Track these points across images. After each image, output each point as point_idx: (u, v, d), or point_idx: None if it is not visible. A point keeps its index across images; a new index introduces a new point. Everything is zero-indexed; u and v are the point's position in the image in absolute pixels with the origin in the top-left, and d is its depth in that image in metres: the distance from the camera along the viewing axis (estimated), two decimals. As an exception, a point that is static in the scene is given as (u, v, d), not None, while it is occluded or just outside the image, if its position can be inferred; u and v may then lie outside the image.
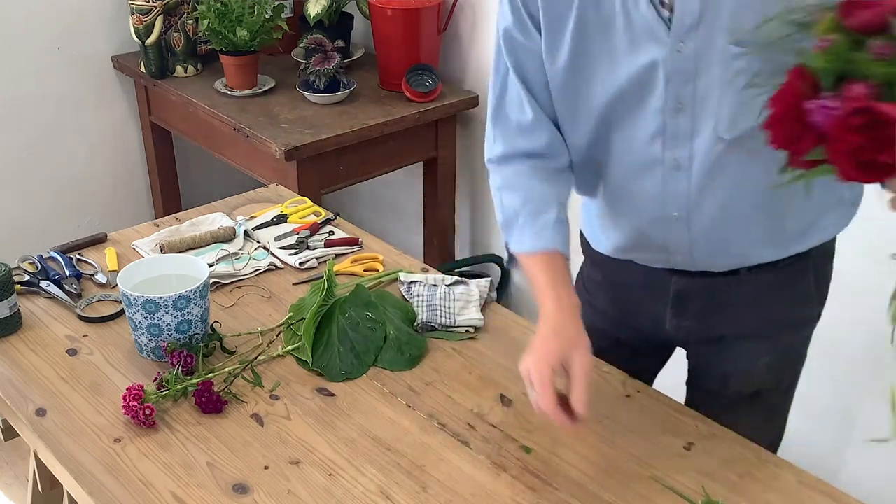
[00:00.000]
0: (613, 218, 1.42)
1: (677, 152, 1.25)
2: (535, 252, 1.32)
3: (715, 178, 1.27)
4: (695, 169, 1.26)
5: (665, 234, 1.36)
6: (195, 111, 2.68)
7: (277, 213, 1.91)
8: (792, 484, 1.27)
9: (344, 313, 1.55)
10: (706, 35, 1.15)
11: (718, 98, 1.19)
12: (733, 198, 1.29)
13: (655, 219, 1.34)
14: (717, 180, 1.27)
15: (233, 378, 1.44)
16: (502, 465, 1.30)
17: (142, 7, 2.68)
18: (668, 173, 1.28)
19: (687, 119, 1.22)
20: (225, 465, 1.29)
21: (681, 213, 1.32)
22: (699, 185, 1.28)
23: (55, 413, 1.38)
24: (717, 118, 1.21)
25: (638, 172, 1.31)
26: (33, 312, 1.61)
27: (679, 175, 1.27)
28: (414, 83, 2.61)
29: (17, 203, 2.93)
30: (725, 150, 1.23)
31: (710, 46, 1.16)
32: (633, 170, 1.31)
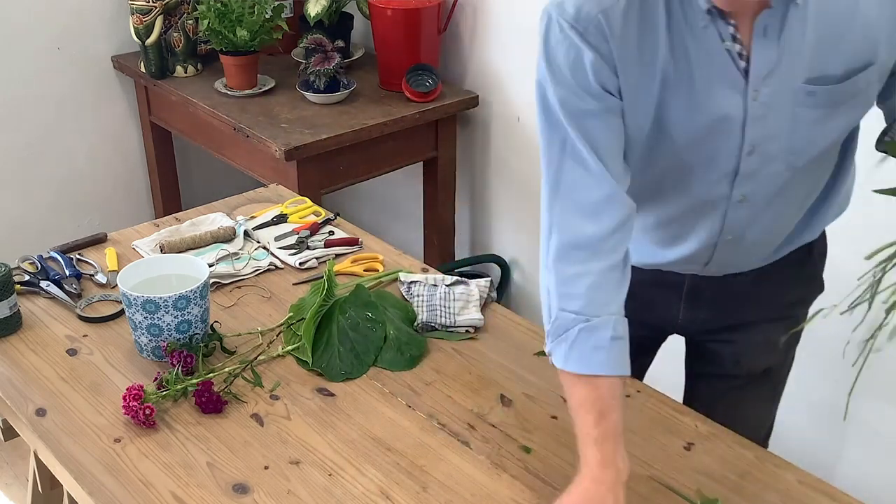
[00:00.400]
0: (664, 243, 1.40)
1: (744, 189, 1.26)
2: (584, 375, 1.16)
3: (771, 204, 1.29)
4: (757, 199, 1.28)
5: (712, 254, 1.37)
6: (195, 111, 2.67)
7: (277, 213, 1.91)
8: (792, 484, 1.27)
9: (344, 313, 1.55)
10: (781, 80, 1.15)
11: (790, 134, 1.20)
12: (782, 215, 1.33)
13: (709, 245, 1.36)
14: (773, 204, 1.30)
15: (233, 378, 1.44)
16: (502, 465, 1.30)
17: (142, 7, 2.68)
18: (731, 207, 1.29)
19: (757, 158, 1.22)
20: (225, 465, 1.29)
21: (735, 236, 1.34)
22: (758, 212, 1.30)
23: (55, 413, 1.38)
24: (788, 152, 1.22)
25: (700, 208, 1.31)
26: (33, 312, 1.61)
27: (741, 206, 1.29)
28: (414, 83, 2.61)
29: (17, 203, 2.93)
30: (788, 177, 1.26)
31: (784, 89, 1.16)
32: (697, 206, 1.31)
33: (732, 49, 1.14)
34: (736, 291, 1.44)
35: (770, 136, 1.20)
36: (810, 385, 1.76)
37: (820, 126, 1.20)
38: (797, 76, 1.15)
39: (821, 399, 2.14)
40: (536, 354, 1.53)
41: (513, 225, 2.82)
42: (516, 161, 2.69)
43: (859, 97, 1.18)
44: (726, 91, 1.17)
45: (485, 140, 2.77)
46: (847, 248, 1.52)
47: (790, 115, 1.18)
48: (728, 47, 1.14)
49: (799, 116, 1.18)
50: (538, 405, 1.42)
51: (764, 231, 1.34)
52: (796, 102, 1.17)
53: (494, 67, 2.66)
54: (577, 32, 1.14)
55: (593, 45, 1.14)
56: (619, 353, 1.17)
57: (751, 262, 1.41)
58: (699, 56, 1.15)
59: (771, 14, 1.11)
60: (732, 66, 1.15)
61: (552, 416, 1.39)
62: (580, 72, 1.15)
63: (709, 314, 1.47)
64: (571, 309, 1.17)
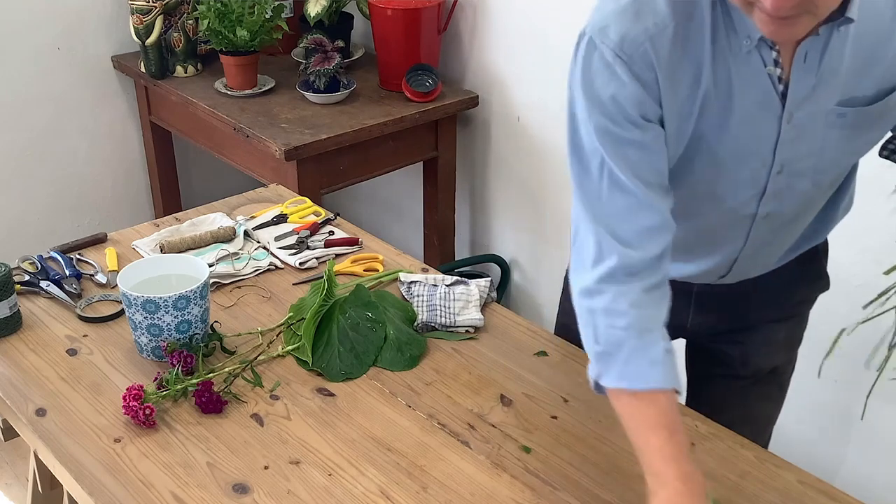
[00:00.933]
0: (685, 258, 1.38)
1: (770, 206, 1.26)
2: (643, 391, 1.13)
3: (793, 219, 1.30)
4: (782, 216, 1.28)
5: (731, 266, 1.38)
6: (195, 111, 2.67)
7: (277, 213, 1.91)
8: (792, 484, 1.27)
9: (344, 313, 1.55)
10: (816, 103, 1.15)
11: (819, 155, 1.20)
12: (801, 226, 1.34)
13: (729, 259, 1.36)
14: (795, 219, 1.31)
15: (233, 378, 1.44)
16: (502, 465, 1.30)
17: (142, 7, 2.68)
18: (756, 224, 1.29)
19: (785, 178, 1.22)
20: (225, 465, 1.29)
21: (754, 252, 1.34)
22: (781, 227, 1.31)
23: (55, 413, 1.38)
24: (815, 171, 1.22)
25: (727, 225, 1.31)
26: (33, 312, 1.61)
27: (765, 222, 1.29)
28: (414, 83, 2.61)
29: (17, 203, 2.93)
30: (813, 194, 1.27)
31: (817, 112, 1.16)
32: (724, 223, 1.30)
33: (773, 74, 1.12)
34: (744, 294, 1.44)
35: (799, 157, 1.20)
36: (812, 387, 1.76)
37: (847, 144, 1.20)
38: (830, 100, 1.15)
39: (823, 400, 2.14)
40: (536, 354, 1.53)
41: (513, 225, 2.82)
42: (516, 161, 2.69)
43: (886, 117, 1.18)
44: (763, 114, 1.15)
45: (485, 140, 2.77)
46: (846, 246, 1.53)
47: (821, 136, 1.18)
48: (770, 72, 1.12)
49: (828, 137, 1.18)
50: (538, 405, 1.42)
51: (782, 242, 1.36)
52: (827, 124, 1.17)
53: (494, 67, 2.66)
54: (622, 62, 1.09)
55: (638, 75, 1.09)
56: (673, 366, 1.15)
57: (763, 268, 1.41)
58: (741, 81, 1.13)
59: (814, 41, 1.10)
60: (772, 90, 1.14)
61: (552, 416, 1.39)
62: (622, 103, 1.11)
63: (717, 318, 1.48)
64: (620, 325, 1.14)
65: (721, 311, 1.47)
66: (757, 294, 1.44)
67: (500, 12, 2.59)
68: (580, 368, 1.49)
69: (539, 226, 2.72)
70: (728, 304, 1.45)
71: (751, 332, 1.49)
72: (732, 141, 1.17)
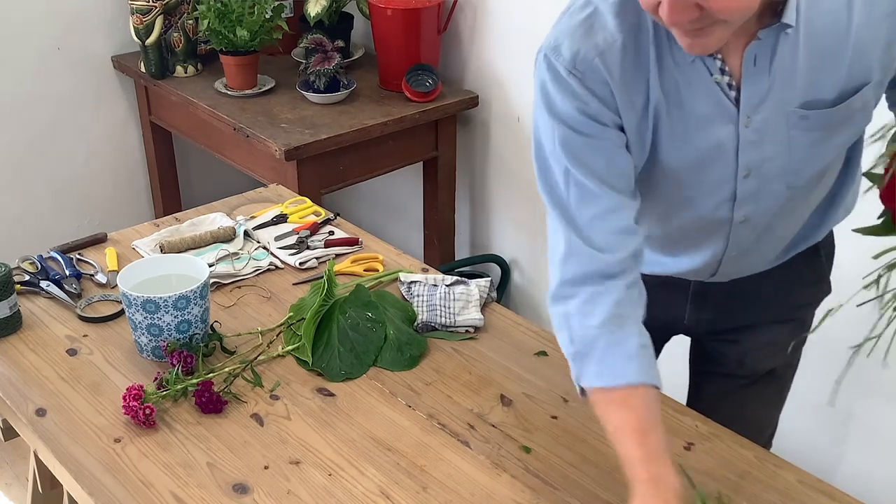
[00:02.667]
0: (665, 256, 1.41)
1: (745, 210, 1.26)
2: (619, 387, 1.13)
3: (774, 221, 1.30)
4: (760, 219, 1.28)
5: (717, 266, 1.38)
6: (195, 111, 2.67)
7: (277, 213, 1.91)
8: (792, 484, 1.27)
9: (344, 313, 1.55)
10: (773, 106, 1.15)
11: (787, 157, 1.20)
12: (786, 227, 1.34)
13: (714, 261, 1.36)
14: (775, 221, 1.30)
15: (233, 378, 1.44)
16: (502, 465, 1.30)
17: (142, 7, 2.68)
18: (734, 228, 1.29)
19: (755, 181, 1.22)
20: (225, 465, 1.29)
21: (739, 252, 1.34)
22: (762, 229, 1.30)
23: (55, 413, 1.38)
24: (786, 173, 1.22)
25: (704, 230, 1.31)
26: (33, 312, 1.61)
27: (744, 226, 1.29)
28: (414, 83, 2.61)
29: (17, 203, 2.93)
30: (790, 195, 1.26)
31: (777, 115, 1.16)
32: (700, 228, 1.31)
33: (722, 81, 1.14)
34: (743, 293, 1.44)
35: (766, 160, 1.20)
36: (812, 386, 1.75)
37: (817, 147, 1.20)
38: (790, 102, 1.15)
39: (822, 400, 2.14)
40: (536, 354, 1.53)
41: (513, 225, 2.82)
42: (516, 161, 2.69)
43: (855, 116, 1.18)
44: (718, 121, 1.16)
45: (485, 140, 2.77)
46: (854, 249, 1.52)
47: (785, 138, 1.18)
48: (717, 80, 1.14)
49: (794, 140, 1.18)
50: (538, 405, 1.42)
51: (769, 243, 1.35)
52: (790, 126, 1.17)
53: (494, 67, 2.66)
54: (575, 78, 1.12)
55: (593, 90, 1.13)
56: (650, 361, 1.16)
57: (757, 268, 1.41)
58: (690, 90, 1.15)
59: (760, 45, 1.11)
60: (723, 97, 1.15)
61: (552, 416, 1.39)
62: (580, 115, 1.14)
63: (715, 315, 1.47)
64: (593, 324, 1.15)
65: (718, 309, 1.47)
66: (754, 293, 1.44)
67: (500, 12, 2.59)
68: (580, 368, 1.49)
69: (539, 226, 2.72)
70: (725, 302, 1.46)
71: (748, 333, 1.49)
72: (692, 149, 1.19)
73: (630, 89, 1.14)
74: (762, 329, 1.48)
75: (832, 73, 1.14)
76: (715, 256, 1.35)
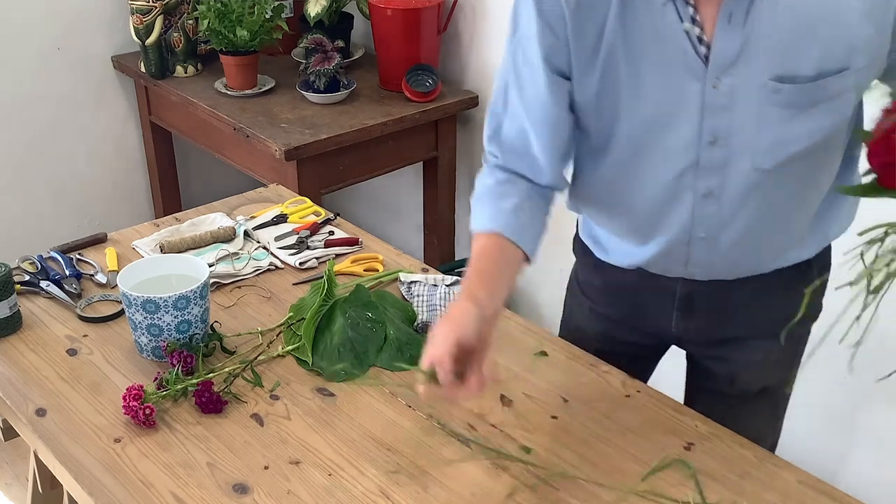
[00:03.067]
0: (637, 238, 1.39)
1: (710, 181, 1.24)
2: (484, 232, 1.30)
3: (745, 203, 1.26)
4: (726, 196, 1.25)
5: (688, 252, 1.34)
6: (195, 111, 2.68)
7: (277, 213, 1.91)
8: (792, 484, 1.27)
9: (344, 313, 1.55)
10: (744, 72, 1.13)
11: (756, 131, 1.18)
12: (760, 219, 1.29)
13: (682, 241, 1.33)
14: (747, 204, 1.26)
15: (233, 378, 1.44)
16: (502, 465, 1.30)
17: (142, 7, 2.68)
18: (698, 201, 1.27)
19: (721, 150, 1.20)
20: (225, 465, 1.29)
21: (708, 234, 1.31)
22: (729, 210, 1.27)
23: (55, 413, 1.38)
24: (754, 150, 1.20)
25: (667, 200, 1.29)
26: (33, 312, 1.61)
27: (709, 201, 1.26)
28: (414, 83, 2.61)
29: (17, 203, 2.93)
30: (758, 178, 1.23)
31: (748, 82, 1.14)
32: (664, 197, 1.29)
33: (692, 31, 1.12)
34: (730, 304, 1.40)
35: (734, 130, 1.18)
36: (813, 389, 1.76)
37: (787, 127, 1.17)
38: (764, 71, 1.13)
39: (824, 403, 2.14)
40: (536, 354, 1.53)
41: (513, 225, 2.82)
42: (516, 161, 2.69)
43: (831, 104, 1.15)
44: (682, 74, 1.15)
45: (485, 140, 2.77)
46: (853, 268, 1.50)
47: (756, 111, 1.16)
48: (687, 29, 1.12)
49: (765, 114, 1.16)
50: (538, 405, 1.42)
51: (741, 234, 1.30)
52: (762, 99, 1.15)
53: (494, 67, 2.63)
54: (535, 5, 1.18)
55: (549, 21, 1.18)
56: (515, 220, 1.28)
57: (737, 269, 1.37)
58: (654, 33, 1.14)
59: (737, 1, 1.09)
60: (691, 50, 1.13)
61: (552, 416, 1.39)
62: (534, 41, 1.20)
63: (703, 324, 1.45)
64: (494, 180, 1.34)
65: (705, 319, 1.43)
66: (741, 303, 1.40)
67: (500, 12, 2.59)
68: (580, 368, 1.49)
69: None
70: (712, 311, 1.42)
71: (737, 349, 1.46)
72: (651, 104, 1.19)
73: (585, 21, 1.16)
74: (750, 346, 1.45)
75: (812, 48, 1.11)
76: (682, 236, 1.31)
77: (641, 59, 1.15)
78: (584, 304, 1.58)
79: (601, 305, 1.55)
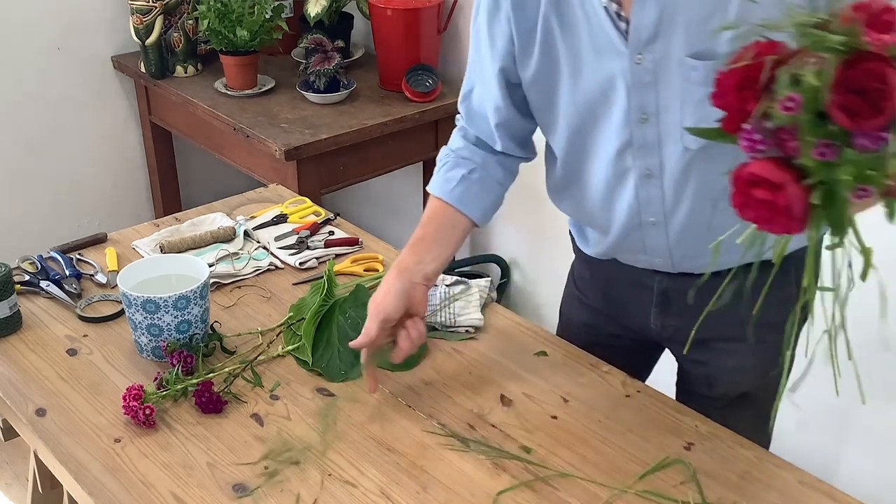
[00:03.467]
0: (597, 225, 1.43)
1: (648, 161, 1.26)
2: (435, 196, 1.44)
3: (685, 186, 1.27)
4: (666, 177, 1.27)
5: (643, 238, 1.36)
6: (195, 111, 2.68)
7: (277, 213, 1.91)
8: (792, 484, 1.27)
9: (344, 313, 1.55)
10: (664, 48, 1.16)
11: (680, 109, 1.19)
12: (703, 204, 1.29)
13: (634, 225, 1.35)
14: (688, 187, 1.28)
15: (233, 378, 1.44)
16: (502, 465, 1.30)
17: (142, 7, 2.68)
18: (640, 182, 1.29)
19: (653, 129, 1.22)
20: (225, 465, 1.29)
21: (657, 219, 1.32)
22: (672, 192, 1.29)
23: (55, 413, 1.38)
24: (681, 128, 1.21)
25: (612, 182, 1.32)
26: (33, 312, 1.61)
27: (651, 183, 1.28)
28: (414, 83, 2.61)
29: (17, 203, 2.93)
30: (693, 159, 1.24)
31: (668, 58, 1.16)
32: (609, 179, 1.32)
33: (610, 8, 1.15)
34: (703, 303, 1.40)
35: (661, 108, 1.20)
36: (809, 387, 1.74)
37: (706, 107, 1.13)
38: (682, 47, 1.15)
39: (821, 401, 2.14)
40: (536, 354, 1.53)
41: (513, 225, 2.82)
42: (516, 161, 2.69)
43: None
44: (608, 52, 1.18)
45: (485, 140, 2.77)
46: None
47: (678, 88, 1.18)
48: (605, 5, 1.15)
49: (686, 91, 1.17)
50: (538, 405, 1.42)
51: (688, 218, 1.30)
52: (682, 76, 1.17)
53: (494, 67, 2.66)
54: None
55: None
56: (464, 188, 1.42)
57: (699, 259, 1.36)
58: (582, 12, 1.18)
59: None
60: (611, 27, 1.16)
61: (552, 416, 1.39)
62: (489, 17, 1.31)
63: (678, 322, 1.45)
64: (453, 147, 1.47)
65: (682, 315, 1.43)
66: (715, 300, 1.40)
67: (500, 12, 2.59)
68: (580, 368, 1.49)
69: (539, 226, 2.72)
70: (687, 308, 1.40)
71: (713, 353, 1.46)
72: (585, 82, 1.22)
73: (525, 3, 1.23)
74: (726, 350, 1.45)
75: (722, 22, 1.11)
76: (632, 220, 1.33)
77: (573, 38, 1.19)
78: (576, 296, 1.62)
79: (590, 298, 1.58)
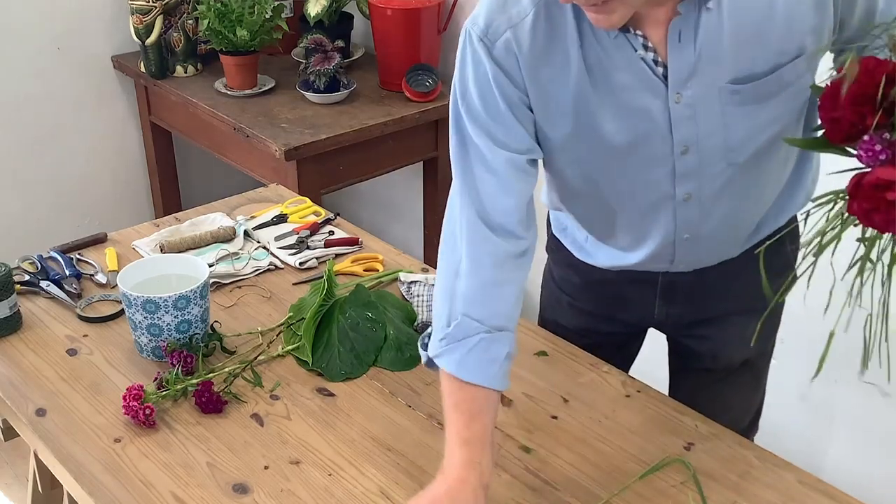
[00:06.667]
0: (622, 247, 1.41)
1: (688, 187, 1.26)
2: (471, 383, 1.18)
3: (721, 199, 1.29)
4: (704, 196, 1.28)
5: (674, 252, 1.37)
6: (195, 111, 2.68)
7: (277, 213, 1.91)
8: (792, 484, 1.27)
9: (344, 313, 1.55)
10: (702, 81, 1.16)
11: (723, 132, 1.20)
12: (738, 207, 1.32)
13: (668, 243, 1.35)
14: (724, 197, 1.29)
15: (233, 378, 1.44)
16: (502, 465, 1.30)
17: (142, 7, 2.68)
18: (679, 206, 1.29)
19: (694, 157, 1.23)
20: (225, 465, 1.29)
21: (692, 235, 1.33)
22: (709, 208, 1.30)
23: (55, 413, 1.38)
24: (725, 150, 1.22)
25: (650, 211, 1.31)
26: (33, 312, 1.61)
27: (689, 205, 1.29)
28: (414, 83, 2.61)
29: (17, 203, 2.93)
30: (732, 173, 1.25)
31: (707, 90, 1.17)
32: (645, 209, 1.31)
33: (647, 57, 1.15)
34: (710, 285, 1.43)
35: (703, 136, 1.20)
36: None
37: (752, 120, 1.19)
38: (720, 77, 1.15)
39: (821, 399, 2.14)
40: (536, 354, 1.53)
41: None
42: (516, 161, 2.69)
43: (789, 89, 1.18)
44: (647, 96, 1.18)
45: (485, 140, 2.77)
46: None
47: (719, 113, 1.18)
48: (642, 56, 1.15)
49: (728, 115, 1.18)
50: (538, 405, 1.42)
51: (722, 226, 1.33)
52: (723, 102, 1.17)
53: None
54: (484, 46, 1.18)
55: (499, 61, 1.18)
56: (508, 370, 1.21)
57: (719, 255, 1.39)
58: (615, 65, 1.16)
59: (682, 21, 1.12)
60: (649, 72, 1.16)
61: (552, 416, 1.39)
62: (486, 85, 1.20)
63: (684, 309, 1.47)
64: (476, 316, 1.19)
65: (687, 303, 1.46)
66: (722, 285, 1.42)
67: (500, 12, 2.59)
68: (580, 368, 1.49)
69: (539, 226, 2.72)
70: (694, 295, 1.45)
71: (717, 327, 1.48)
72: (626, 124, 1.20)
73: (539, 64, 1.17)
74: (730, 321, 1.47)
75: (762, 49, 1.13)
76: (667, 239, 1.34)
77: (609, 87, 1.18)
78: (563, 300, 1.60)
79: (581, 301, 1.57)
